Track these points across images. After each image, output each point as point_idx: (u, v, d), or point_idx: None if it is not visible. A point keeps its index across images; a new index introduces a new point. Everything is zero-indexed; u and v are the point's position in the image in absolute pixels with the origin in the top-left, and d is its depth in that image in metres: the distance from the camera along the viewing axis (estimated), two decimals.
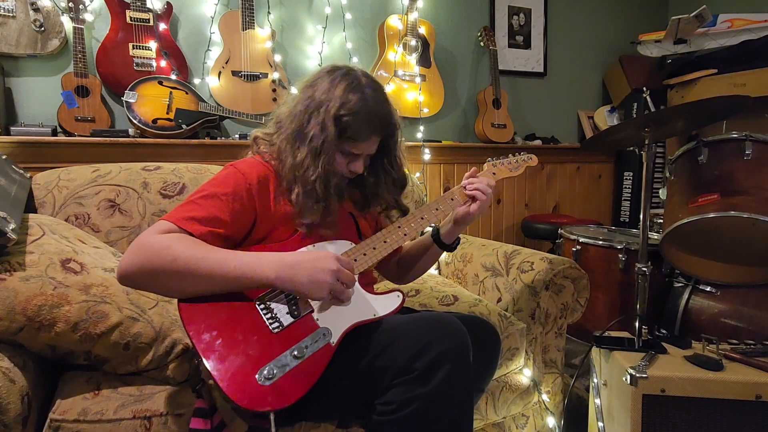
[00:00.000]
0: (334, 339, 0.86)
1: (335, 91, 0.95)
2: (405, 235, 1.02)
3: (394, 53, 2.35)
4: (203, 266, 0.80)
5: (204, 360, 0.79)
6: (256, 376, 0.78)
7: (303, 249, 0.91)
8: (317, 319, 0.87)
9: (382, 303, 0.94)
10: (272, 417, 0.80)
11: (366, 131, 0.97)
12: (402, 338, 0.84)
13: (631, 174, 2.91)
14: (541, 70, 2.89)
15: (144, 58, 1.91)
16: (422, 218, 1.06)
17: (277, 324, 0.84)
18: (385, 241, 1.00)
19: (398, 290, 0.97)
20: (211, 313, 0.82)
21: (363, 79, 0.98)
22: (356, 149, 0.98)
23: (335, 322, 0.88)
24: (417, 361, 0.80)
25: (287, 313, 0.86)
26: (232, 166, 0.96)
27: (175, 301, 0.84)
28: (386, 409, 0.81)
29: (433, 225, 1.10)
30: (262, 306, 0.86)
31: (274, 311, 0.86)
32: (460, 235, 1.18)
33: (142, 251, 0.79)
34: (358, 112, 0.94)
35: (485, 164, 1.21)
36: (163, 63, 1.93)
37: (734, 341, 1.26)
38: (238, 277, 0.81)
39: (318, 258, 0.84)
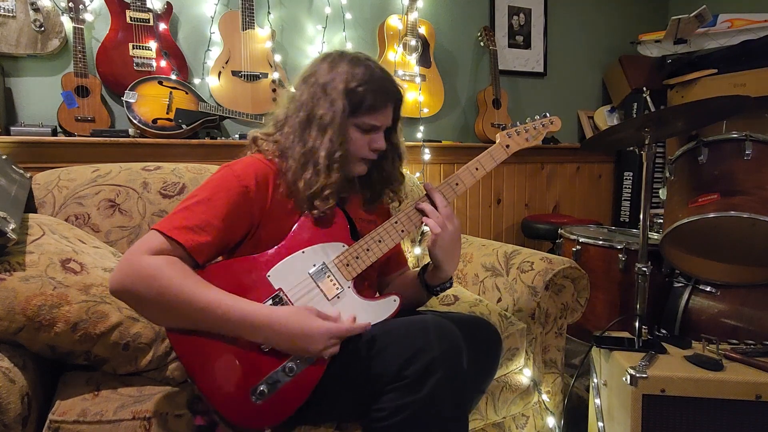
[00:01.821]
0: None
1: (338, 69, 0.94)
2: (402, 231, 0.97)
3: (394, 53, 2.35)
4: (187, 306, 0.77)
5: (195, 382, 0.78)
6: (250, 394, 0.78)
7: (293, 310, 0.84)
8: None
9: (378, 309, 0.92)
10: (269, 431, 0.81)
11: (382, 98, 0.95)
12: (394, 344, 0.82)
13: (631, 174, 2.90)
14: (541, 70, 2.89)
15: (144, 58, 1.90)
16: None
17: None
18: (380, 241, 0.95)
19: (395, 294, 0.94)
20: (199, 334, 0.80)
21: (360, 54, 0.98)
22: (376, 120, 0.96)
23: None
24: (408, 368, 0.78)
25: None
26: (228, 167, 0.93)
27: None
28: (379, 415, 0.81)
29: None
30: None
31: None
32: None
33: (130, 272, 0.77)
34: (369, 81, 0.93)
35: (498, 134, 1.08)
36: (163, 63, 1.93)
37: (734, 341, 1.26)
38: (219, 328, 0.79)
39: (307, 335, 0.80)
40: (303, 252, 0.91)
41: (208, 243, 0.84)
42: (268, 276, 0.88)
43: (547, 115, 1.13)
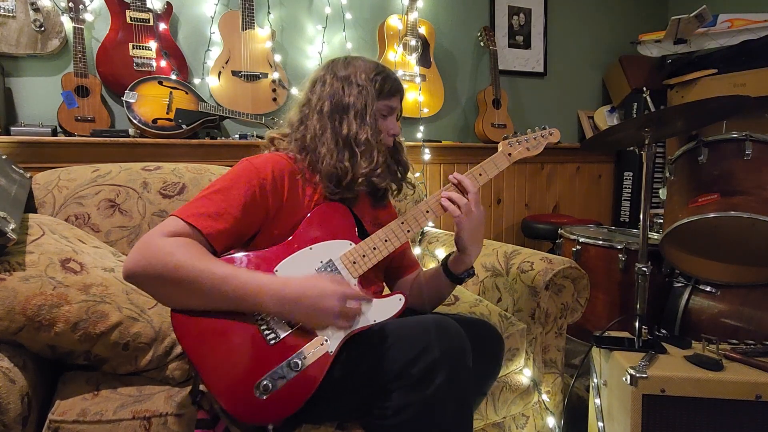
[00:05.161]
0: (333, 348, 0.85)
1: (356, 63, 1.01)
2: (408, 231, 0.99)
3: (394, 53, 2.35)
4: (204, 279, 0.78)
5: (200, 374, 0.78)
6: (253, 389, 0.78)
7: (307, 276, 0.87)
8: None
9: (383, 308, 0.92)
10: (271, 428, 0.80)
11: (396, 86, 1.03)
12: (399, 343, 0.82)
13: (631, 174, 2.91)
14: (541, 70, 2.89)
15: (144, 58, 1.91)
16: (427, 211, 1.01)
17: (273, 335, 0.83)
18: (386, 240, 0.97)
19: (400, 293, 0.94)
20: (205, 326, 0.81)
21: (365, 55, 1.06)
22: (394, 103, 1.03)
23: (334, 330, 0.86)
24: (414, 366, 0.79)
25: (284, 322, 0.84)
26: (247, 160, 0.95)
27: None
28: (383, 413, 0.81)
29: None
30: (258, 317, 0.84)
31: (270, 322, 0.84)
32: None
33: (146, 253, 0.79)
34: (384, 70, 1.02)
35: (500, 143, 1.11)
36: (163, 63, 1.93)
37: (734, 341, 1.26)
38: (237, 299, 0.80)
39: (323, 295, 0.82)
40: (311, 249, 0.93)
41: (226, 230, 0.86)
42: (276, 271, 0.89)
43: (547, 127, 1.18)
